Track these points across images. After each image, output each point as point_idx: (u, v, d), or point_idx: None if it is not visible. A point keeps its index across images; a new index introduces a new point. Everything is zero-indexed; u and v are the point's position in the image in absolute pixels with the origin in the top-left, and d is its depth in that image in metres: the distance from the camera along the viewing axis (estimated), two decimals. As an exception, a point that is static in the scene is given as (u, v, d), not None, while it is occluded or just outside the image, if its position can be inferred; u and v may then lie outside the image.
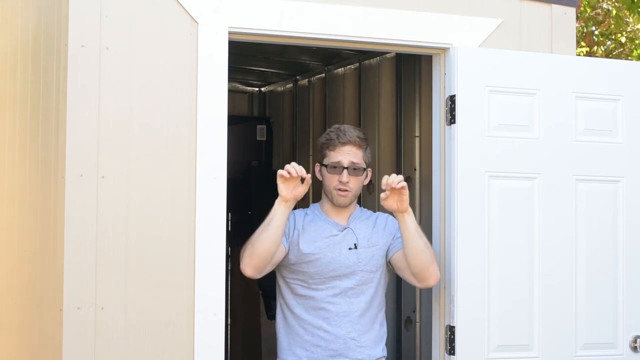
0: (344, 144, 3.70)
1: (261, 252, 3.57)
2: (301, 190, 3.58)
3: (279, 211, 3.57)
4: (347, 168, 3.69)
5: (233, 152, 3.71)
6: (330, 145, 3.72)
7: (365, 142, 3.75)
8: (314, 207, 3.84)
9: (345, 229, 3.75)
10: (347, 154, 3.70)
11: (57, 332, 3.45)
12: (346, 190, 3.71)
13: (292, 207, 3.61)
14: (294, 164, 3.58)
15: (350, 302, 3.69)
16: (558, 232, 3.96)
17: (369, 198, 5.10)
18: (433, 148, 4.01)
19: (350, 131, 3.73)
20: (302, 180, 3.58)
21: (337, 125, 3.81)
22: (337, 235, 3.73)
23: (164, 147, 3.54)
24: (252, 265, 3.59)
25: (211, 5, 3.61)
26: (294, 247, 3.70)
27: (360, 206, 3.88)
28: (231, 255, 6.00)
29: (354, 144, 3.71)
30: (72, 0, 3.46)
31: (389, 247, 3.77)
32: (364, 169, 3.74)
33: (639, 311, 4.07)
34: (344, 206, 3.75)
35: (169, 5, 3.57)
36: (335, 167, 3.70)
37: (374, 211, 3.91)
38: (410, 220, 3.65)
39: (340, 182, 3.70)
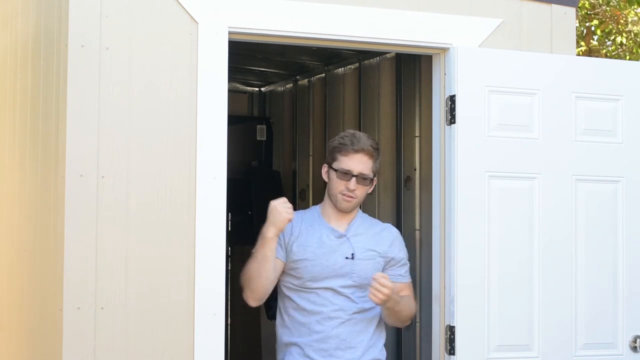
0: (356, 151, 3.69)
1: (264, 285, 3.63)
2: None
3: (272, 245, 3.59)
4: (356, 176, 3.69)
5: (233, 152, 3.71)
6: (343, 150, 3.71)
7: (377, 153, 3.74)
8: (313, 210, 3.83)
9: (342, 236, 3.74)
10: (359, 163, 3.69)
11: (57, 332, 3.45)
12: (351, 197, 3.71)
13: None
14: (287, 206, 3.60)
15: (342, 304, 3.68)
16: (558, 232, 3.96)
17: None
18: (433, 148, 4.01)
19: (365, 140, 3.72)
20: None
21: (351, 131, 3.81)
22: (333, 242, 3.72)
23: (164, 147, 3.54)
24: (256, 298, 3.67)
25: (211, 5, 3.61)
26: (289, 252, 3.70)
27: (361, 211, 3.86)
28: (231, 255, 6.00)
29: (367, 153, 3.70)
30: (72, 0, 3.46)
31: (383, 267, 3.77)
32: (371, 179, 3.74)
33: (638, 311, 4.08)
34: (347, 212, 3.75)
35: (169, 5, 3.57)
36: (345, 173, 3.69)
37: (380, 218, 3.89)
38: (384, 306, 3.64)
39: (347, 188, 3.69)
